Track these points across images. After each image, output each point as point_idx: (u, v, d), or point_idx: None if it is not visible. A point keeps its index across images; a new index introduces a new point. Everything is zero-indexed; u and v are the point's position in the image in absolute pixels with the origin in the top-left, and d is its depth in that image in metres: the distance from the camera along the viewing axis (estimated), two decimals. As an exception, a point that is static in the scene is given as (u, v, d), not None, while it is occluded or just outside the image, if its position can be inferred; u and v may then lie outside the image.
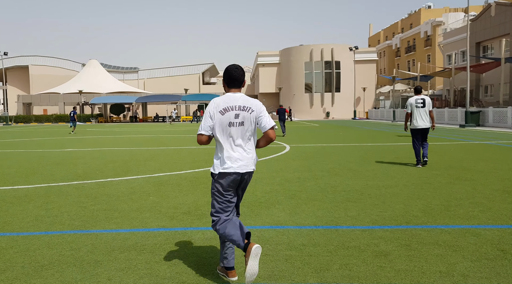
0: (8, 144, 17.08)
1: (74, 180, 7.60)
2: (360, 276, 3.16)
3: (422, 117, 8.57)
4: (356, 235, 4.14)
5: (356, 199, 5.71)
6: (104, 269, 3.34)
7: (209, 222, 4.67)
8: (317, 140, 16.40)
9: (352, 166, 8.96)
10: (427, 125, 8.58)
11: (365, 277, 3.13)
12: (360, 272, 3.23)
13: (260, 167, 9.02)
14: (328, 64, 55.09)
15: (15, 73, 69.23)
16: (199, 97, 53.72)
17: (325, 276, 3.16)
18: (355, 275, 3.17)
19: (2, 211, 5.27)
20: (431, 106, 8.64)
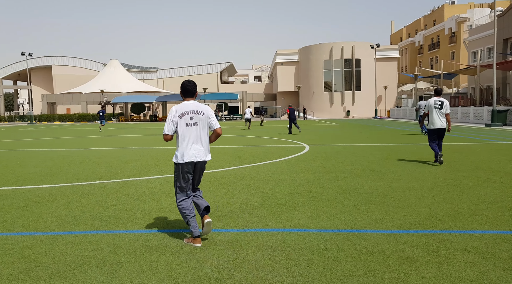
0: (33, 143, 17.51)
1: (96, 179, 7.70)
2: (385, 283, 3.06)
3: (440, 118, 8.89)
4: (380, 240, 4.03)
5: (379, 202, 5.57)
6: (126, 271, 3.34)
7: (229, 224, 4.64)
8: (337, 140, 16.20)
9: (374, 166, 8.79)
10: (444, 126, 8.88)
11: (391, 285, 3.03)
12: (385, 279, 3.13)
13: (280, 167, 8.95)
14: (348, 62, 54.43)
15: (39, 73, 71.02)
16: (217, 96, 53.93)
17: (349, 283, 3.08)
18: (380, 282, 3.07)
19: (27, 210, 5.37)
20: (448, 109, 8.88)
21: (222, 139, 17.88)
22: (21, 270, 3.36)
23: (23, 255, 3.70)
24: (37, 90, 69.52)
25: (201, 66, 71.66)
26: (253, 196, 6.04)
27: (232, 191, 6.48)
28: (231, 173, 8.25)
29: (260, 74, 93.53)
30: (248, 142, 16.35)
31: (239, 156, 11.19)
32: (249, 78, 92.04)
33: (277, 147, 13.67)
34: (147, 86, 62.18)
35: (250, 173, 8.18)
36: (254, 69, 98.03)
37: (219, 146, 14.63)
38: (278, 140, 16.56)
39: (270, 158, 10.70)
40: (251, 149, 13.19)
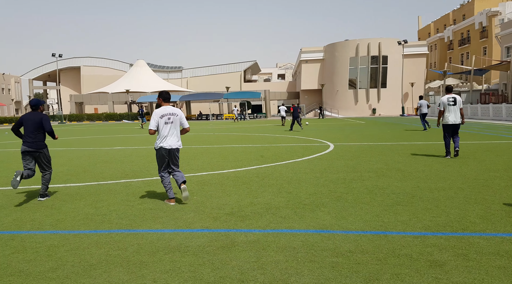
0: (62, 142, 18.02)
1: (122, 178, 7.83)
2: (413, 288, 2.95)
3: (454, 114, 9.38)
4: (407, 242, 3.90)
5: (407, 202, 5.41)
6: (149, 271, 3.36)
7: (252, 224, 4.61)
8: (362, 139, 15.92)
9: (401, 166, 8.56)
10: (458, 122, 9.37)
11: (419, 290, 2.92)
12: (413, 283, 3.02)
13: (303, 166, 8.86)
14: (375, 59, 53.46)
15: (68, 74, 73.19)
16: (240, 95, 54.08)
17: (375, 287, 2.98)
18: (408, 287, 2.97)
19: (56, 209, 5.50)
20: (461, 104, 9.43)
21: (245, 138, 17.91)
22: (48, 269, 3.43)
23: (50, 254, 3.78)
24: (65, 90, 71.68)
25: (225, 65, 72.06)
26: (276, 196, 5.99)
27: (255, 190, 6.44)
28: (253, 172, 8.22)
29: (284, 72, 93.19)
30: (271, 140, 16.29)
31: (261, 155, 11.15)
32: (273, 77, 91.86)
33: (300, 146, 13.56)
34: (172, 86, 63.03)
35: (273, 172, 8.13)
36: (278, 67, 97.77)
37: (241, 144, 14.65)
38: (302, 139, 16.42)
39: (293, 157, 10.62)
40: (274, 148, 13.13)
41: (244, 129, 25.56)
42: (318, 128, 24.35)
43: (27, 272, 3.37)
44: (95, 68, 71.61)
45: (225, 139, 17.37)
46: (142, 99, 54.91)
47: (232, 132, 23.11)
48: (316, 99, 60.84)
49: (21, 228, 4.62)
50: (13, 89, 75.69)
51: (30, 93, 67.81)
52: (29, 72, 73.23)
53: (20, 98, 79.61)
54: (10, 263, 3.56)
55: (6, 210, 5.49)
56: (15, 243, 4.11)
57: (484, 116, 31.92)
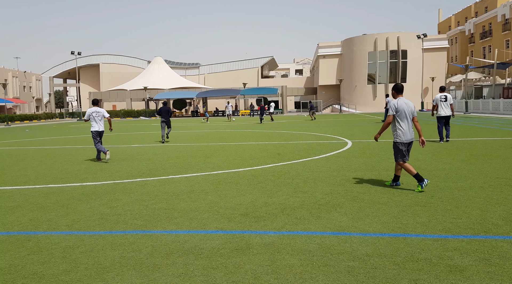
0: (80, 140, 18.30)
1: (138, 177, 7.87)
2: (433, 296, 2.84)
3: (445, 108, 12.22)
4: (426, 245, 3.77)
5: (426, 203, 5.25)
6: (162, 274, 3.33)
7: (267, 225, 4.55)
8: (381, 136, 15.61)
9: (421, 164, 8.34)
10: (449, 114, 12.19)
11: (440, 298, 2.81)
12: (433, 291, 2.91)
13: (320, 165, 8.73)
14: (394, 53, 52.49)
15: (87, 71, 74.40)
16: (257, 91, 53.94)
17: (393, 294, 2.88)
18: (427, 295, 2.86)
19: (71, 208, 5.55)
20: (451, 100, 12.19)
21: (262, 135, 17.83)
22: (61, 271, 3.44)
23: (64, 255, 3.80)
24: (84, 87, 72.90)
25: (242, 61, 72.01)
26: (292, 196, 5.90)
27: (270, 190, 6.37)
28: (269, 171, 8.15)
29: (301, 67, 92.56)
30: (288, 137, 16.17)
31: (278, 153, 11.07)
32: (290, 72, 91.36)
33: (318, 143, 13.41)
34: (189, 82, 63.38)
35: (289, 171, 8.04)
36: (295, 63, 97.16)
37: (258, 142, 14.59)
38: (319, 136, 16.25)
39: (310, 154, 10.49)
40: (291, 145, 13.02)
41: (260, 126, 25.48)
42: (335, 125, 24.09)
43: (41, 274, 3.39)
44: (113, 66, 72.56)
45: (242, 137, 17.34)
46: (159, 96, 55.39)
47: (249, 129, 23.06)
48: (334, 94, 60.22)
49: (38, 228, 4.67)
50: (34, 87, 77.44)
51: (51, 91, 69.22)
52: (49, 70, 74.75)
53: (41, 96, 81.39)
54: (24, 265, 3.59)
55: (23, 209, 5.56)
56: (31, 244, 4.15)
57: (507, 111, 30.99)
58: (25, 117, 53.40)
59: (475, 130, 16.25)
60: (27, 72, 75.13)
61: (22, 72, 73.23)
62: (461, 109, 38.35)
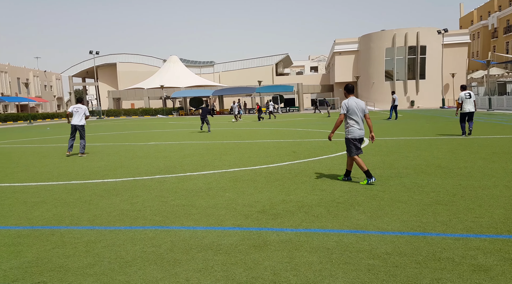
0: (101, 138, 18.63)
1: (156, 174, 7.97)
2: (455, 295, 2.80)
3: (469, 105, 13.06)
4: (448, 244, 3.72)
5: (447, 202, 5.17)
6: (182, 269, 3.37)
7: (284, 223, 4.55)
8: (399, 133, 15.43)
9: (442, 162, 8.20)
10: (473, 110, 13.03)
11: (462, 298, 2.77)
12: (455, 290, 2.87)
13: (337, 162, 8.68)
14: (413, 49, 51.60)
15: (105, 70, 75.54)
16: (272, 89, 53.81)
17: (414, 293, 2.85)
18: (449, 294, 2.82)
19: (93, 204, 5.66)
20: (474, 97, 13.03)
21: (277, 133, 17.81)
22: (86, 264, 3.52)
23: (88, 249, 3.88)
24: (103, 86, 74.08)
25: (257, 59, 71.95)
26: (309, 193, 5.88)
27: (287, 187, 6.37)
28: (286, 169, 8.14)
29: (317, 64, 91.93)
30: (304, 135, 16.11)
31: (294, 151, 11.04)
32: (305, 69, 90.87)
33: (334, 141, 13.31)
34: (204, 81, 63.72)
35: (306, 169, 8.02)
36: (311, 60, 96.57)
37: (273, 140, 14.58)
38: (335, 134, 16.12)
39: (326, 152, 10.43)
40: (306, 143, 12.97)
41: (275, 124, 25.45)
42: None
43: (66, 267, 3.47)
44: (130, 65, 73.49)
45: (257, 134, 17.35)
46: (176, 95, 55.86)
47: (264, 127, 23.05)
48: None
49: (61, 223, 4.79)
50: (55, 86, 79.09)
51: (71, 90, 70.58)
52: (68, 69, 76.19)
53: (61, 95, 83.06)
54: (50, 258, 3.68)
55: (48, 205, 5.71)
56: (55, 238, 4.25)
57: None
58: (46, 116, 54.61)
59: (498, 128, 15.87)
60: (47, 72, 76.77)
61: (43, 72, 74.86)
62: (484, 106, 37.41)
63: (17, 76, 66.30)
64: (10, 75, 64.43)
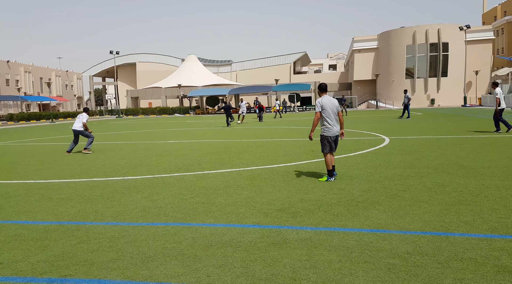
0: (120, 136, 18.96)
1: (175, 172, 8.08)
2: (479, 296, 2.76)
3: (504, 101, 13.57)
4: (471, 245, 3.66)
5: (470, 202, 5.08)
6: (203, 265, 3.42)
7: (303, 221, 4.55)
8: (420, 132, 15.19)
9: (464, 161, 8.05)
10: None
11: (486, 298, 2.73)
12: (479, 291, 2.83)
13: (356, 161, 8.62)
14: (434, 46, 50.63)
15: (124, 70, 76.76)
16: (289, 87, 53.64)
17: (436, 293, 2.82)
18: (472, 294, 2.78)
19: (115, 201, 5.79)
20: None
21: (294, 131, 17.77)
22: (109, 259, 3.61)
23: (111, 244, 3.98)
24: (122, 86, 75.28)
25: (274, 58, 71.85)
26: (328, 192, 5.87)
27: (306, 186, 6.36)
28: (304, 167, 8.13)
29: (335, 62, 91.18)
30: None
31: (312, 149, 11.00)
32: (324, 68, 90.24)
33: (353, 140, 13.21)
34: (221, 79, 64.02)
35: (324, 167, 7.97)
36: (329, 58, 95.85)
37: (291, 138, 14.56)
38: (354, 133, 15.99)
39: (345, 151, 10.36)
40: (325, 141, 12.88)
41: (292, 123, 25.39)
42: (371, 121, 23.61)
43: (91, 261, 3.57)
44: (149, 64, 74.45)
45: (274, 133, 17.35)
46: (193, 94, 56.30)
47: (281, 125, 23.03)
48: (370, 90, 58.93)
49: (85, 219, 4.91)
50: (76, 86, 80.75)
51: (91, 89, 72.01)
52: (89, 69, 77.71)
53: (82, 94, 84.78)
54: (76, 253, 3.79)
55: (72, 201, 5.86)
56: (80, 233, 4.37)
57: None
58: (67, 115, 55.85)
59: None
60: (69, 72, 78.41)
61: (64, 72, 76.51)
62: (509, 104, 36.35)
63: (40, 76, 67.98)
64: (33, 75, 66.12)
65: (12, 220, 5.01)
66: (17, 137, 20.75)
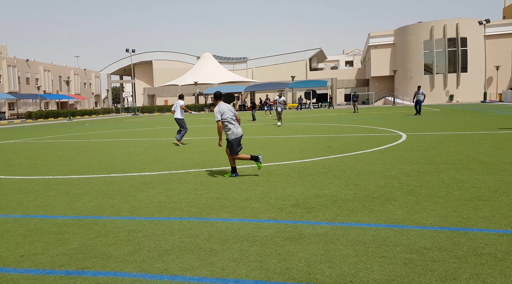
0: (138, 133, 19.20)
1: (191, 168, 8.14)
2: (498, 291, 2.71)
3: None
4: (490, 240, 3.59)
5: (489, 197, 4.98)
6: (218, 258, 3.45)
7: (318, 216, 4.54)
8: (438, 128, 14.93)
9: (484, 157, 7.89)
10: None
11: (506, 294, 2.67)
12: (497, 286, 2.77)
13: (373, 158, 8.53)
14: (452, 41, 49.66)
15: (141, 68, 77.61)
16: (305, 84, 53.36)
17: (454, 288, 2.78)
18: (491, 290, 2.73)
19: (132, 196, 5.87)
20: None
21: (310, 128, 17.68)
22: (127, 252, 3.67)
23: (129, 238, 4.04)
24: (139, 84, 76.15)
25: (290, 54, 71.56)
26: (343, 188, 5.83)
27: (321, 182, 6.33)
28: (320, 164, 8.09)
29: (352, 59, 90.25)
30: (338, 130, 15.91)
31: (328, 146, 10.94)
32: (340, 64, 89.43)
33: (370, 136, 13.08)
34: (237, 77, 64.11)
35: (340, 164, 7.93)
36: (345, 54, 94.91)
37: (306, 135, 14.50)
38: (371, 129, 15.83)
39: (362, 147, 10.27)
40: (341, 138, 12.81)
41: (308, 120, 25.27)
42: (388, 117, 23.32)
43: (109, 255, 3.63)
44: (165, 62, 75.07)
45: (290, 130, 17.30)
46: (209, 91, 56.59)
47: (297, 122, 22.95)
48: (388, 86, 58.19)
49: (103, 214, 5.00)
50: (93, 84, 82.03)
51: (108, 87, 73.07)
52: (107, 67, 78.83)
53: (99, 92, 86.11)
54: (94, 246, 3.87)
55: (89, 196, 5.97)
56: (98, 227, 4.45)
57: None
58: (85, 113, 56.83)
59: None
60: (87, 70, 79.69)
61: (83, 70, 77.78)
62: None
63: (58, 75, 69.30)
64: (52, 74, 67.45)
65: (31, 214, 5.13)
66: (36, 134, 21.23)
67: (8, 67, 56.62)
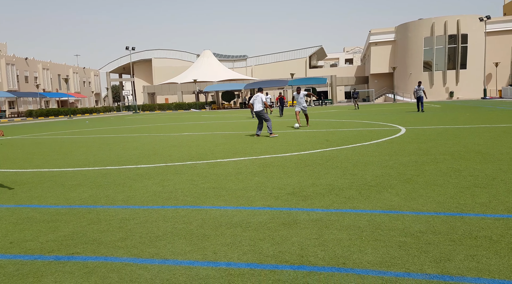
0: (136, 129, 19.15)
1: (188, 161, 8.10)
2: (491, 269, 2.66)
3: None
4: (486, 224, 3.54)
5: (486, 185, 4.93)
6: (210, 243, 3.41)
7: (314, 203, 4.49)
8: (437, 122, 14.87)
9: (482, 148, 7.83)
10: None
11: (498, 271, 2.63)
12: (491, 265, 2.73)
13: (371, 150, 8.48)
14: (453, 38, 49.53)
15: (141, 66, 77.57)
16: (305, 81, 53.29)
17: (447, 267, 2.74)
18: (484, 268, 2.69)
19: (127, 187, 5.83)
20: None
21: (310, 123, 17.62)
22: (118, 238, 3.62)
23: (121, 226, 4.00)
24: (139, 82, 76.10)
25: (289, 52, 71.49)
26: (340, 177, 5.78)
27: (318, 172, 6.29)
28: (317, 155, 8.04)
29: (351, 56, 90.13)
30: (337, 125, 15.86)
31: (327, 139, 10.89)
32: (340, 62, 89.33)
33: (369, 130, 13.03)
34: (237, 74, 64.05)
35: (338, 155, 7.88)
36: (345, 52, 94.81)
37: (306, 130, 14.45)
38: (370, 124, 15.78)
39: (360, 140, 10.22)
40: (340, 132, 12.76)
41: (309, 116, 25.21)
42: (388, 113, 23.26)
43: (99, 241, 3.59)
44: (165, 60, 75.02)
45: (288, 125, 17.24)
46: (208, 89, 56.51)
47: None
48: (387, 83, 58.11)
49: (97, 203, 4.96)
50: (93, 82, 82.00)
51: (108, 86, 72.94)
52: (106, 66, 78.85)
53: (99, 90, 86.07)
54: (85, 233, 3.82)
55: (84, 187, 5.93)
56: (91, 215, 4.41)
57: None
58: (85, 111, 56.79)
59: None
60: (86, 68, 79.65)
61: (82, 69, 77.76)
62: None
63: (58, 73, 69.24)
64: (51, 72, 67.39)
65: (24, 204, 5.09)
66: (35, 131, 21.19)
67: (7, 66, 56.59)
